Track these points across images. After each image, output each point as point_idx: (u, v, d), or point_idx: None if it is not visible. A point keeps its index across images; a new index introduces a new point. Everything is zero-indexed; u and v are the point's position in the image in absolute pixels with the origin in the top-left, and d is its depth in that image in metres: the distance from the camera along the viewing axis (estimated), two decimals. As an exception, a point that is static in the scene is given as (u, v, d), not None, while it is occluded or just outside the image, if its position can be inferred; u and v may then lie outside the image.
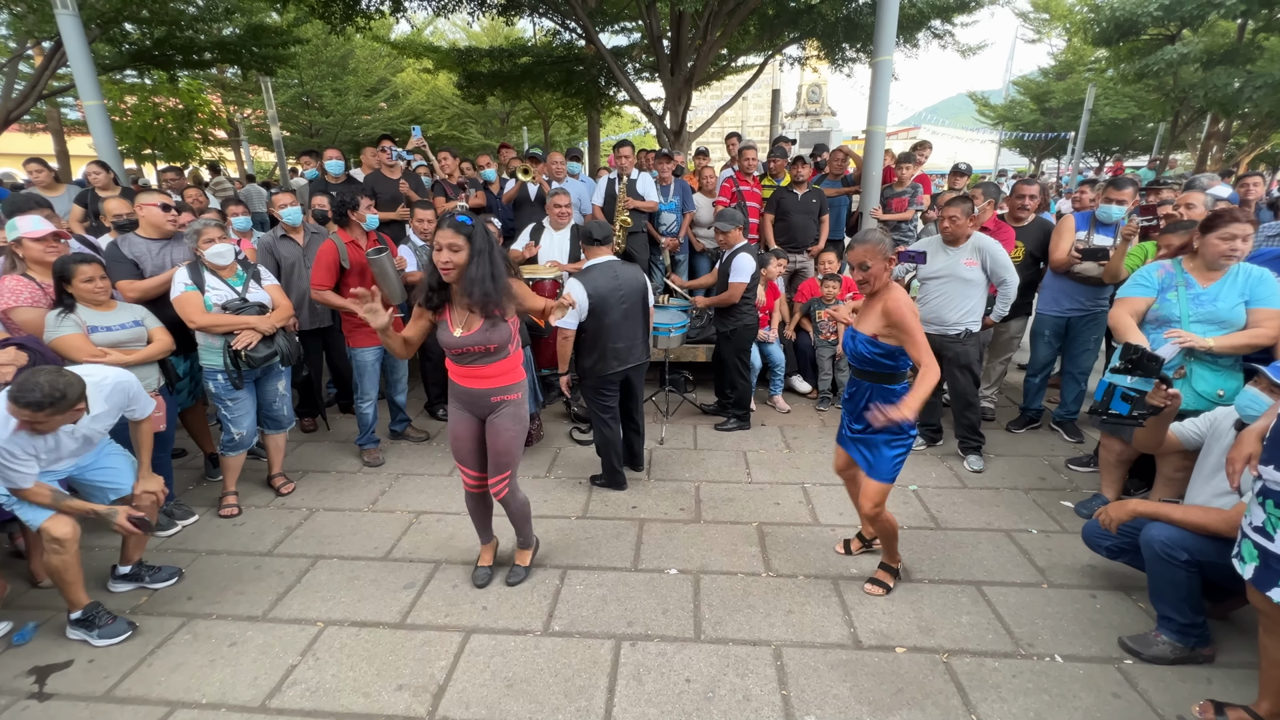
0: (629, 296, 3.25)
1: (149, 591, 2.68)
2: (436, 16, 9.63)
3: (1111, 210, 3.62)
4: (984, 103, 26.73)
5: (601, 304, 3.17)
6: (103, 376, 2.32)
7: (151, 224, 3.32)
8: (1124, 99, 18.37)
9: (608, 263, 3.27)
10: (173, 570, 2.75)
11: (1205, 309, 2.65)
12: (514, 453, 2.46)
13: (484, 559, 2.75)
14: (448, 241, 2.13)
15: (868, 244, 2.25)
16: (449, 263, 2.14)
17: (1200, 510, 2.16)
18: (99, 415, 2.30)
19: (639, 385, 3.56)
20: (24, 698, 2.12)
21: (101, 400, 2.29)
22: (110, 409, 2.35)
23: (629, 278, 3.27)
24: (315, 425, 4.43)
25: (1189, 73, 13.89)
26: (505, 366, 2.36)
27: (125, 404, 2.43)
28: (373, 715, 2.04)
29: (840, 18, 8.48)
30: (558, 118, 17.61)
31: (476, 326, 2.24)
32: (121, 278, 3.15)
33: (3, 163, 14.66)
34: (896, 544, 2.59)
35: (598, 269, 3.23)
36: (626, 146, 5.37)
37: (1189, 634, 2.16)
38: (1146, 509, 2.25)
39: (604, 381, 3.30)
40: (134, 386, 2.44)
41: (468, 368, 2.33)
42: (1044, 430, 4.21)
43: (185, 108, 13.01)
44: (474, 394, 2.37)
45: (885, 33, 5.01)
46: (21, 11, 7.82)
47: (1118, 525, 2.32)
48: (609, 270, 3.24)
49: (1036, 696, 2.07)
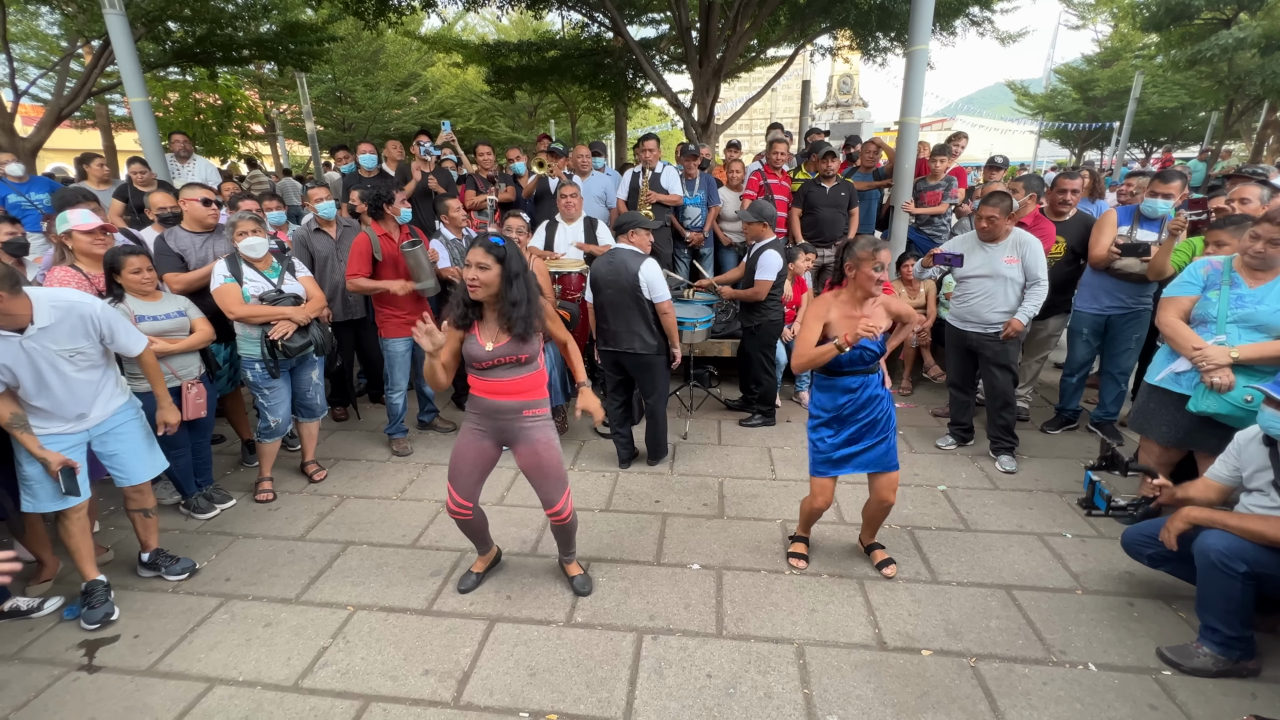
0: (614, 286, 3.41)
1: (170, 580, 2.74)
2: (466, 11, 9.69)
3: (1157, 204, 3.46)
4: (1023, 92, 25.82)
5: (596, 284, 3.50)
6: (60, 294, 2.31)
7: (194, 218, 3.43)
8: (1174, 87, 17.54)
9: (616, 250, 3.48)
10: (188, 564, 2.77)
11: (1245, 310, 2.51)
12: (563, 467, 2.42)
13: (478, 566, 2.72)
14: (477, 260, 2.13)
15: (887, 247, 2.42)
16: (476, 280, 2.13)
17: (1260, 519, 2.04)
18: (51, 330, 2.25)
19: (642, 378, 3.59)
20: (75, 669, 2.24)
21: (48, 311, 2.23)
22: (68, 329, 2.28)
23: (621, 270, 3.39)
24: (347, 414, 4.54)
25: (1245, 58, 13.19)
26: (536, 379, 2.34)
27: (89, 329, 2.34)
28: (400, 698, 2.09)
29: (874, 6, 8.26)
30: (585, 110, 17.61)
31: (505, 340, 2.22)
32: (168, 270, 3.28)
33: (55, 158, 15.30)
34: None
35: (609, 253, 3.50)
36: (651, 140, 5.35)
37: (1233, 647, 2.08)
38: (1203, 516, 2.14)
39: (602, 355, 3.66)
40: (95, 310, 2.35)
41: (497, 381, 2.27)
42: (1081, 432, 4.08)
43: (224, 103, 13.39)
44: (503, 407, 2.30)
45: (921, 21, 4.87)
46: (73, 11, 8.12)
47: (1177, 537, 2.19)
48: (613, 257, 3.46)
49: (1068, 705, 2.01)
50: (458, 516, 2.46)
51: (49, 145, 8.08)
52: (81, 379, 2.39)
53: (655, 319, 3.46)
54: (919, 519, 3.11)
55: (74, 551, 2.49)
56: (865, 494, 2.88)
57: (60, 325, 2.28)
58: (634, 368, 3.56)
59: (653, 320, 3.46)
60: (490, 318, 2.23)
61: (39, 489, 2.37)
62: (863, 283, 2.39)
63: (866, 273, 2.36)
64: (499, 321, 2.21)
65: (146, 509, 2.71)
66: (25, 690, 2.14)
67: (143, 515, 2.71)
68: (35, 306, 2.21)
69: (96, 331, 2.37)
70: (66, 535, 2.48)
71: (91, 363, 2.41)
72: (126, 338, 2.49)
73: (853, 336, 2.26)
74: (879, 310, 2.45)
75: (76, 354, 2.34)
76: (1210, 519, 2.12)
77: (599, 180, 5.44)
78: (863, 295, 2.42)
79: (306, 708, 2.06)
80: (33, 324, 2.21)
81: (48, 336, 2.26)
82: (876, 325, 2.36)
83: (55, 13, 9.09)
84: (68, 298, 2.32)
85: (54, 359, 2.29)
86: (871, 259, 2.34)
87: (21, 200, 5.01)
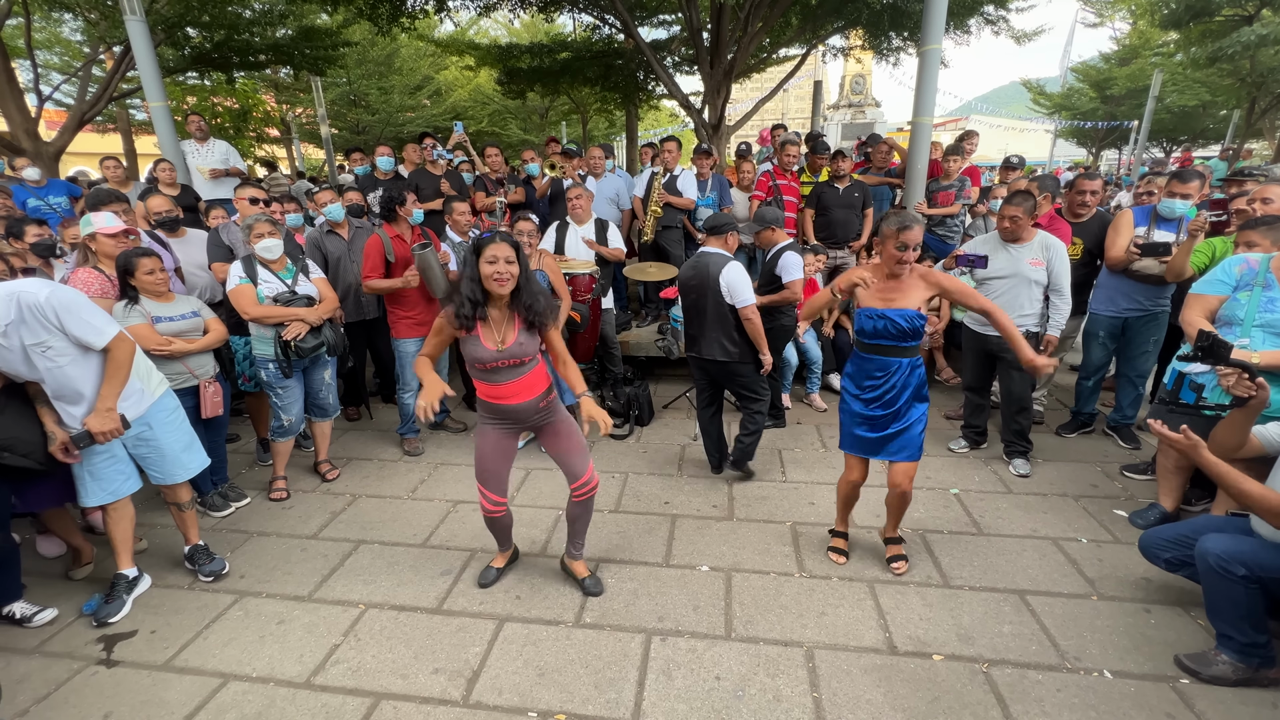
0: (695, 291, 3.31)
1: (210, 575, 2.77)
2: (480, 17, 9.76)
3: (1175, 205, 3.40)
4: (1039, 91, 25.53)
5: (681, 289, 3.43)
6: (10, 288, 2.14)
7: (245, 216, 3.53)
8: (1194, 85, 17.23)
9: (702, 253, 3.36)
10: (219, 565, 2.78)
11: (1274, 315, 2.46)
12: (582, 437, 2.48)
13: (498, 561, 2.76)
14: (505, 254, 2.15)
15: (920, 225, 2.40)
16: (506, 275, 2.16)
17: (1254, 484, 1.92)
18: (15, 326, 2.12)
19: (732, 387, 3.43)
20: (93, 664, 2.28)
21: (8, 309, 2.10)
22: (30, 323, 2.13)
23: (702, 274, 3.27)
24: (359, 414, 4.59)
25: (1269, 55, 12.95)
26: (540, 371, 2.38)
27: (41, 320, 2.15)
28: (410, 696, 2.11)
29: (886, 5, 8.21)
30: (596, 112, 17.65)
31: (512, 340, 2.23)
32: (217, 260, 3.63)
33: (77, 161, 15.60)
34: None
35: (696, 256, 3.40)
36: (671, 142, 5.35)
37: (1251, 654, 2.03)
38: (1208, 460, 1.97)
39: (690, 363, 3.54)
40: (39, 299, 2.13)
41: (504, 385, 2.28)
42: (1097, 435, 4.02)
43: (241, 107, 13.58)
44: (521, 409, 2.33)
45: (934, 20, 4.84)
46: (95, 18, 8.29)
47: (1173, 447, 2.01)
48: (698, 261, 3.34)
49: (1083, 712, 1.98)
50: (493, 514, 2.53)
51: (71, 149, 8.23)
52: (72, 374, 2.26)
53: (738, 325, 3.26)
54: (931, 522, 3.08)
55: (114, 541, 2.57)
56: (881, 496, 2.87)
57: (22, 319, 2.12)
58: (720, 376, 3.41)
59: (734, 326, 3.26)
60: (496, 317, 2.25)
61: (90, 484, 2.44)
62: (886, 260, 2.43)
63: (889, 251, 2.39)
64: (514, 317, 2.25)
65: (180, 504, 2.75)
66: (46, 684, 2.18)
67: (177, 509, 2.76)
68: None
69: (49, 322, 2.16)
70: (111, 524, 2.55)
71: (70, 358, 2.24)
72: (80, 327, 2.21)
73: (845, 284, 2.36)
74: (915, 284, 2.44)
75: (46, 348, 2.18)
76: (1214, 466, 1.97)
77: (611, 182, 5.45)
78: (887, 271, 2.45)
79: (318, 704, 2.08)
80: None
81: (18, 332, 2.13)
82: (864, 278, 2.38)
83: (78, 20, 9.28)
84: (7, 288, 2.13)
85: (31, 354, 2.17)
86: (894, 237, 2.36)
87: (41, 204, 5.11)
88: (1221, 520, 2.33)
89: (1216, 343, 1.99)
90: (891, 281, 2.45)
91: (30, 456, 2.32)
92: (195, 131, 5.81)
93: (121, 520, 2.57)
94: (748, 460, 3.53)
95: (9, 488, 2.42)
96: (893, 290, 2.45)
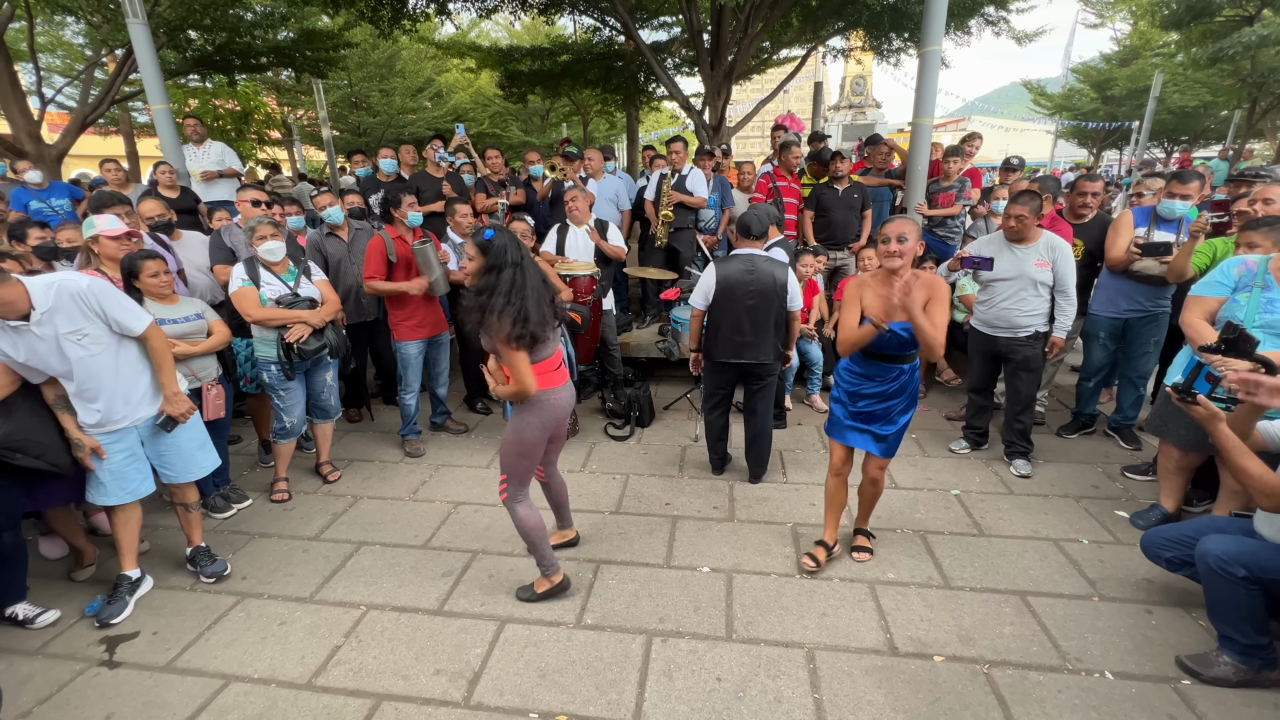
0: (756, 295, 3.18)
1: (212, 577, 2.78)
2: (481, 20, 9.80)
3: (1174, 205, 3.40)
4: (1039, 91, 25.52)
5: (728, 292, 3.20)
6: (48, 276, 2.29)
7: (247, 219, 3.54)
8: (1195, 85, 17.24)
9: (750, 254, 3.25)
10: (221, 567, 2.79)
11: (1274, 316, 2.45)
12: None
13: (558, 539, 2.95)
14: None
15: (906, 219, 2.41)
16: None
17: (1259, 464, 1.91)
18: (51, 314, 2.23)
19: (765, 391, 3.38)
20: (96, 665, 2.28)
21: (43, 294, 2.22)
22: (69, 310, 2.26)
23: (765, 274, 3.18)
24: (360, 416, 4.60)
25: (1269, 56, 12.95)
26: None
27: (83, 308, 2.29)
28: (411, 698, 2.11)
29: (886, 7, 8.22)
30: (597, 114, 17.67)
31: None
32: (219, 262, 3.63)
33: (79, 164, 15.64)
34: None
35: (737, 258, 3.26)
36: (679, 142, 5.36)
37: (1253, 655, 2.03)
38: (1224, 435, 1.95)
39: (716, 367, 3.38)
40: (81, 286, 2.29)
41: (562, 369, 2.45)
42: (1098, 436, 4.02)
43: (243, 110, 13.61)
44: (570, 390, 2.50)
45: (934, 21, 4.84)
46: (97, 21, 8.32)
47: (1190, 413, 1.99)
48: (748, 262, 3.21)
49: (1084, 714, 1.98)
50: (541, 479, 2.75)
51: (74, 152, 8.25)
52: (103, 364, 2.36)
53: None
54: (932, 523, 3.08)
55: (119, 542, 2.58)
56: (884, 497, 2.86)
57: (59, 307, 2.25)
58: (757, 377, 3.35)
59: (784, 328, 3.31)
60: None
61: (109, 484, 2.47)
62: (880, 258, 2.46)
63: (880, 249, 2.43)
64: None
65: (187, 504, 2.77)
66: (48, 685, 2.19)
67: (183, 510, 2.78)
68: (31, 292, 2.20)
69: (90, 309, 2.31)
70: (118, 526, 2.57)
71: (104, 346, 2.36)
72: (121, 313, 2.39)
73: (885, 314, 2.36)
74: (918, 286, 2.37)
75: (82, 336, 2.30)
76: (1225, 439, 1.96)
77: (610, 183, 5.46)
78: (886, 273, 2.46)
79: (319, 706, 2.08)
80: (34, 309, 2.20)
81: (53, 321, 2.24)
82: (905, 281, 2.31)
83: (80, 23, 9.31)
84: (54, 278, 2.27)
85: (65, 344, 2.27)
86: (879, 236, 2.43)
87: (43, 206, 5.12)
88: (1223, 521, 2.33)
89: (1242, 336, 1.97)
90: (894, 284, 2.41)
91: (42, 458, 2.35)
92: (191, 134, 5.83)
93: (129, 522, 2.59)
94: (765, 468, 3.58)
95: (21, 488, 2.44)
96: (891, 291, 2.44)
